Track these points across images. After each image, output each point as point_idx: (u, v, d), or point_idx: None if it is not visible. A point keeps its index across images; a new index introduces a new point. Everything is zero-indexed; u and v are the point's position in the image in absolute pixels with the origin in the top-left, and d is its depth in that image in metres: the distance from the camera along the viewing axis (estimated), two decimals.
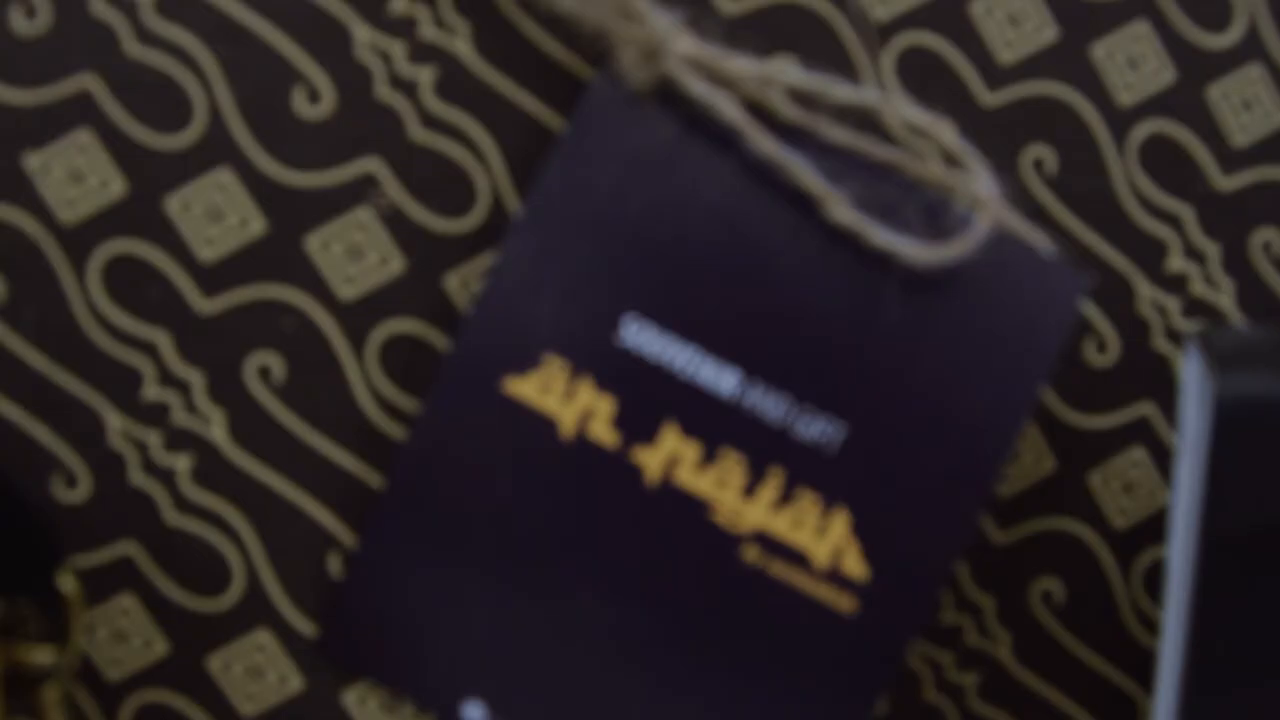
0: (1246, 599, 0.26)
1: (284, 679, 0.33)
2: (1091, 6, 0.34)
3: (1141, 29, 0.34)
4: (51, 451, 0.32)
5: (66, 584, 0.28)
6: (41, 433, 0.32)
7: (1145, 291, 0.35)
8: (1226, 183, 0.35)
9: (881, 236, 0.31)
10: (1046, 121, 0.34)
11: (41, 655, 0.28)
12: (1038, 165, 0.34)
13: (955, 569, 0.35)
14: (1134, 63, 0.34)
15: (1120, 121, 0.34)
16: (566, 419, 0.33)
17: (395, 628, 0.33)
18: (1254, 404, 0.26)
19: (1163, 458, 0.34)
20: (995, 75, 0.34)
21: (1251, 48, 0.34)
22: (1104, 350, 0.35)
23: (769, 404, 0.33)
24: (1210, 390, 0.25)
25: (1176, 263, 0.35)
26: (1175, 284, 0.35)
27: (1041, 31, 0.34)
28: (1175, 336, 0.35)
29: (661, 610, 0.33)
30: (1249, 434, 0.26)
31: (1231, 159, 0.35)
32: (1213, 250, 0.35)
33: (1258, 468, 0.26)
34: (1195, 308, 0.35)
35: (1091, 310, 0.34)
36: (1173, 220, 0.35)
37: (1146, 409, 0.35)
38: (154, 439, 0.33)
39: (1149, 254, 0.35)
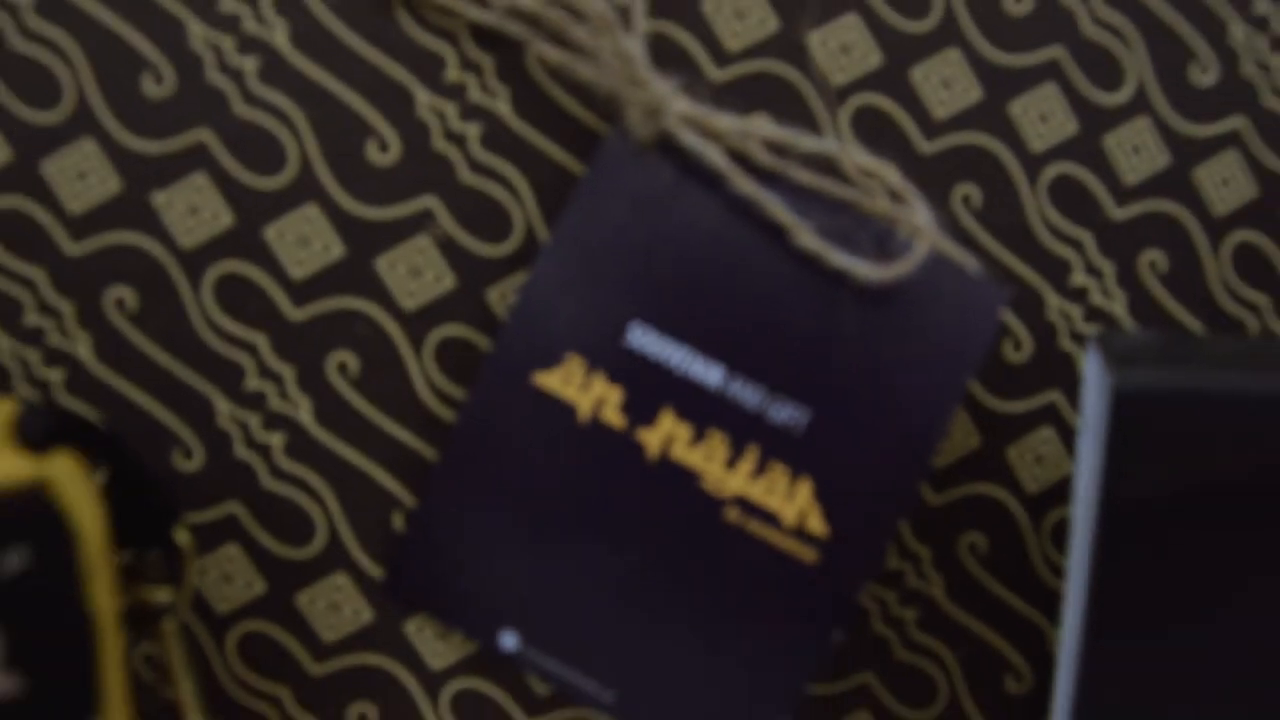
0: (1134, 548, 0.25)
1: (357, 612, 0.32)
2: (1009, 71, 0.32)
3: (1050, 89, 0.32)
4: (172, 430, 0.30)
5: (181, 537, 0.27)
6: (165, 415, 0.31)
7: (1053, 301, 0.33)
8: (1119, 213, 0.33)
9: (839, 259, 0.30)
10: (973, 165, 0.33)
11: (161, 595, 0.27)
12: (965, 201, 0.33)
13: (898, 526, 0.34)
14: (1044, 117, 0.32)
15: (1033, 164, 0.33)
16: (583, 405, 0.31)
17: (446, 571, 0.32)
18: (1143, 394, 0.25)
19: (1067, 435, 0.32)
20: (931, 128, 0.32)
21: (1139, 104, 0.33)
22: (1019, 349, 0.34)
23: (747, 393, 0.31)
24: (1108, 382, 0.25)
25: (1079, 278, 0.34)
26: (1077, 295, 0.34)
27: (969, 92, 0.32)
28: (1078, 338, 0.33)
29: (660, 559, 0.32)
30: (1138, 418, 0.25)
31: (1124, 194, 0.33)
32: (1108, 268, 0.34)
33: (1145, 445, 0.25)
34: (1094, 315, 0.34)
35: (1010, 317, 0.32)
36: (1075, 244, 0.33)
37: (1054, 396, 0.33)
38: (254, 420, 0.31)
39: (1056, 271, 0.33)
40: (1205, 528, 0.24)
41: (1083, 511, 0.25)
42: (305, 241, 0.30)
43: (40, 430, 0.22)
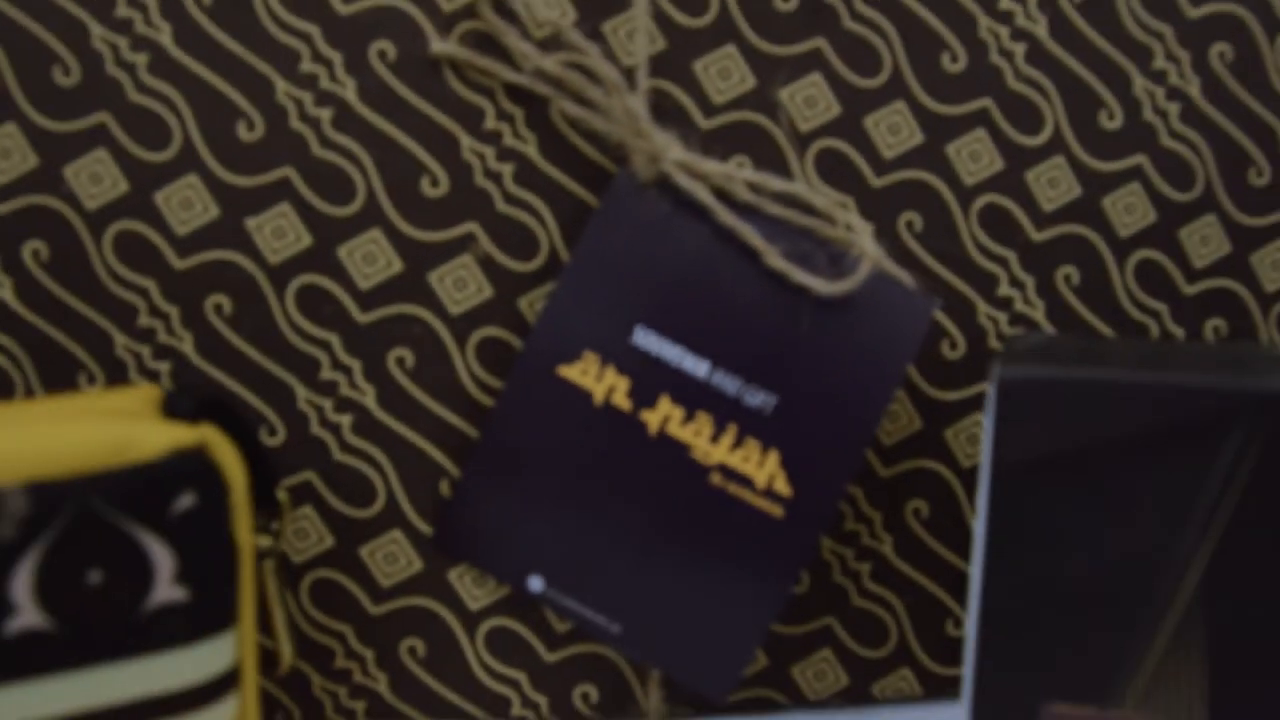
0: (1015, 500, 0.31)
1: (410, 562, 0.37)
2: (946, 119, 0.37)
3: (980, 133, 0.37)
4: (261, 412, 0.36)
5: (280, 496, 0.33)
6: (254, 400, 0.36)
7: (983, 309, 0.38)
8: (1039, 236, 0.38)
9: (801, 276, 0.35)
10: (915, 197, 0.38)
11: (263, 541, 0.33)
12: (909, 226, 0.38)
13: (853, 493, 0.39)
14: (975, 157, 0.38)
15: (965, 196, 0.38)
16: (598, 393, 0.36)
17: (484, 528, 0.37)
18: (1021, 383, 0.30)
19: None
20: (881, 166, 0.37)
21: (1056, 145, 0.38)
22: (955, 348, 0.38)
23: (727, 383, 0.36)
24: (996, 374, 0.30)
25: (1004, 290, 0.38)
26: (1004, 304, 0.38)
27: (912, 137, 0.37)
28: (1003, 339, 0.38)
29: (657, 515, 0.37)
30: (1016, 401, 0.30)
31: (1042, 220, 0.38)
32: (1029, 281, 0.38)
33: (1022, 422, 0.30)
34: (1017, 320, 0.39)
35: (946, 322, 0.38)
36: (1002, 261, 0.38)
37: (984, 387, 0.38)
38: (327, 404, 0.36)
39: (985, 284, 0.38)
40: (1070, 483, 0.30)
41: (983, 473, 0.31)
42: (371, 259, 0.36)
43: (188, 408, 0.29)
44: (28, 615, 0.26)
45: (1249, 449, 0.28)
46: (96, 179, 0.35)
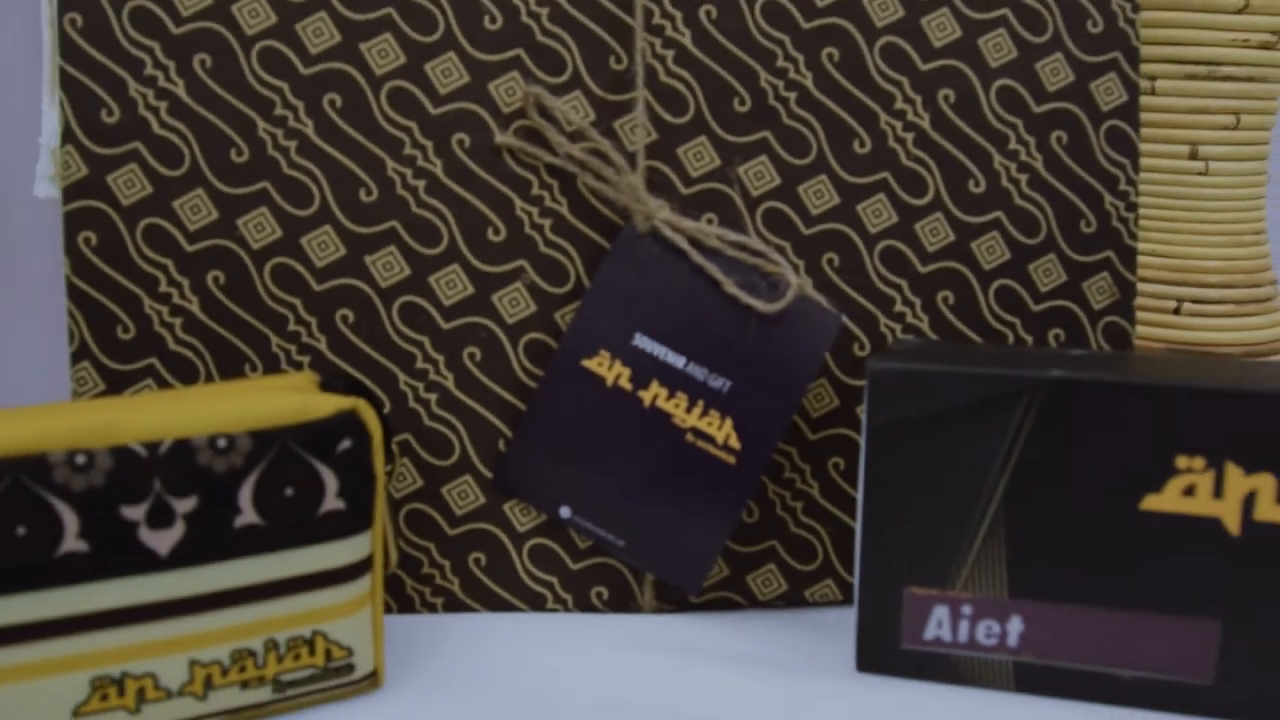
0: (887, 452, 0.42)
1: (476, 497, 0.48)
2: (856, 186, 0.48)
3: (881, 196, 0.48)
4: (374, 392, 0.46)
5: (394, 447, 0.45)
6: (370, 382, 0.47)
7: (883, 321, 0.49)
8: (924, 269, 0.49)
9: (748, 298, 0.45)
10: (834, 242, 0.49)
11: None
12: (830, 263, 0.49)
13: (789, 451, 0.49)
14: (877, 214, 0.49)
15: (870, 241, 0.49)
16: (609, 378, 0.46)
17: (529, 473, 0.47)
18: (884, 372, 0.42)
19: None
20: (809, 221, 0.49)
21: (936, 204, 0.49)
22: (863, 349, 0.49)
23: (698, 371, 0.46)
24: (869, 366, 0.42)
25: (899, 307, 0.49)
26: (899, 317, 0.49)
27: (832, 199, 0.49)
28: (897, 342, 0.48)
29: (649, 463, 0.46)
30: (882, 385, 0.42)
31: (926, 258, 0.49)
32: (917, 301, 0.49)
33: (886, 398, 0.42)
34: (909, 329, 0.49)
35: (857, 330, 0.49)
36: (897, 287, 0.49)
37: None
38: (420, 386, 0.47)
39: (885, 303, 0.49)
40: (918, 439, 0.42)
41: (864, 432, 0.43)
42: (451, 284, 0.48)
43: (340, 385, 0.44)
44: (248, 515, 0.41)
45: (1030, 412, 0.43)
46: (260, 227, 0.48)
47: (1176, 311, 0.58)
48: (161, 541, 0.39)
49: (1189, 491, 0.42)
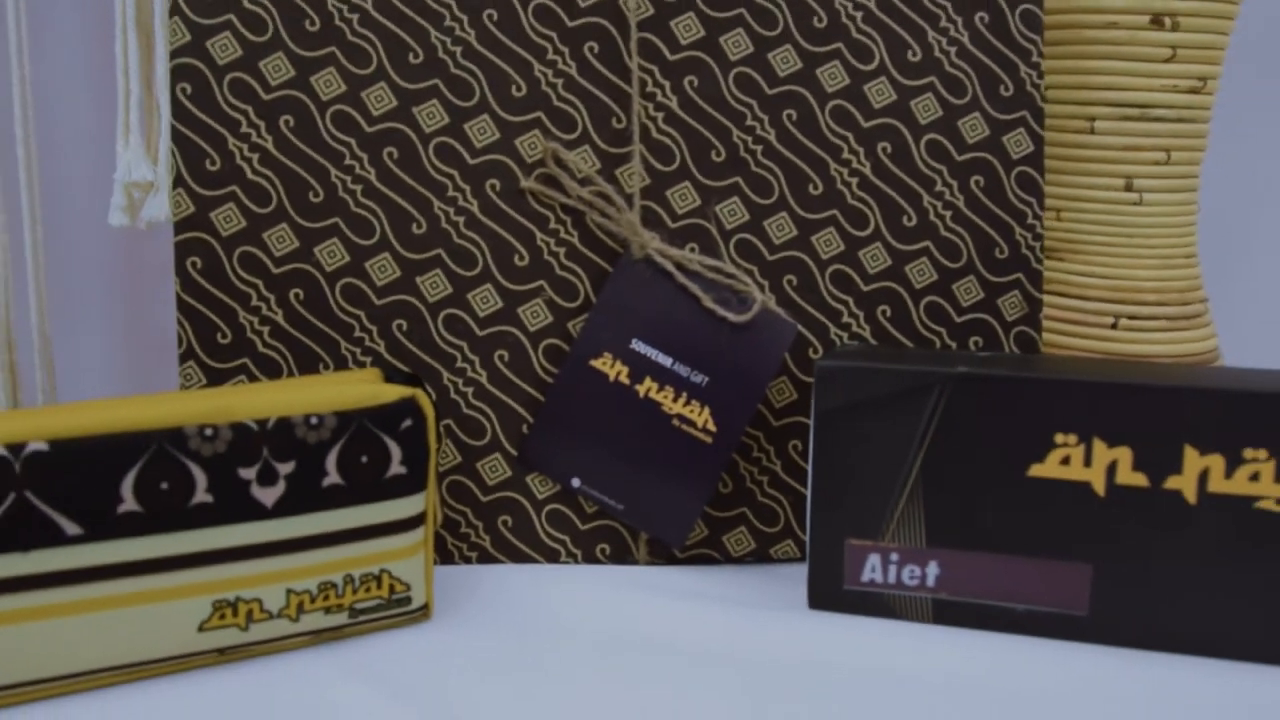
0: (833, 433, 0.51)
1: (504, 471, 0.56)
2: (812, 221, 0.56)
3: (831, 229, 0.57)
4: (423, 387, 0.58)
5: (441, 431, 0.58)
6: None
7: (833, 330, 0.57)
8: (866, 289, 0.57)
9: (722, 312, 0.53)
10: (793, 267, 0.56)
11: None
12: (790, 283, 0.56)
13: (757, 435, 0.56)
14: (828, 243, 0.57)
15: (822, 265, 0.57)
16: (611, 375, 0.53)
17: (546, 450, 0.54)
18: (829, 369, 0.51)
19: None
20: (773, 249, 0.56)
21: (876, 236, 0.57)
22: (816, 352, 0.57)
23: (682, 369, 0.53)
24: (817, 363, 0.52)
25: (846, 319, 0.57)
26: (846, 327, 0.57)
27: (791, 231, 0.56)
28: (843, 346, 0.58)
29: (643, 442, 0.53)
30: (827, 379, 0.50)
31: (868, 279, 0.57)
32: (861, 314, 0.57)
33: (831, 390, 0.51)
34: (854, 337, 0.57)
35: (811, 336, 0.57)
36: (844, 303, 0.57)
37: None
38: (459, 381, 0.56)
39: (835, 316, 0.57)
40: (856, 422, 0.51)
41: (813, 417, 0.52)
42: (485, 300, 0.55)
43: (400, 379, 0.55)
44: (333, 477, 0.52)
45: (941, 400, 0.54)
46: (331, 254, 0.57)
47: (1114, 326, 0.61)
48: (268, 496, 0.50)
49: (1065, 461, 0.51)
